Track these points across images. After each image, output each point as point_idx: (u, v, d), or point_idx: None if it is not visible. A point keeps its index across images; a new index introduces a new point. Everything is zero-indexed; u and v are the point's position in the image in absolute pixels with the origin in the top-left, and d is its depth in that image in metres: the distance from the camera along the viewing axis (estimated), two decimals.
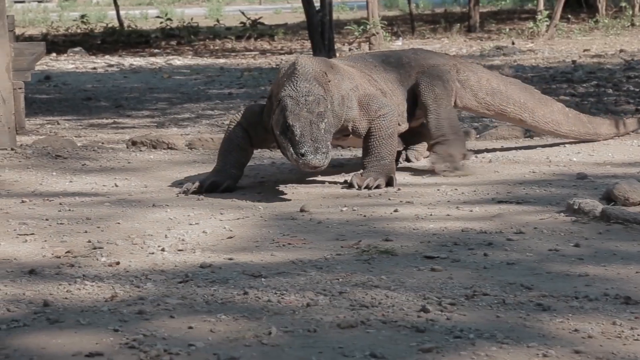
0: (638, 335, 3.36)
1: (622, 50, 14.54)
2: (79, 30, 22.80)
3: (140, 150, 7.23)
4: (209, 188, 5.76)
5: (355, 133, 5.95)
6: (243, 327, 3.45)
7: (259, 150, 6.55)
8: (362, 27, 17.03)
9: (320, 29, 14.91)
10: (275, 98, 5.65)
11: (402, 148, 6.72)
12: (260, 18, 21.30)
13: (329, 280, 3.99)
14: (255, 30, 20.35)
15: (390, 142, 5.92)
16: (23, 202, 5.61)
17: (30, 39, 19.60)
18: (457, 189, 5.75)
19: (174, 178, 6.24)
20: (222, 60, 15.97)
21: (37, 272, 4.17)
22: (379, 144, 5.89)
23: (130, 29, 22.32)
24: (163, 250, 4.51)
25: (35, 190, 5.94)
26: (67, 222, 5.11)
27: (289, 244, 4.61)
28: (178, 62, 15.83)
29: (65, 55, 17.01)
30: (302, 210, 5.27)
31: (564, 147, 7.03)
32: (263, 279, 4.02)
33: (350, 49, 16.63)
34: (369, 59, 6.55)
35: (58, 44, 19.23)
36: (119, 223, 5.07)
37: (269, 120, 5.71)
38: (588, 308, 3.64)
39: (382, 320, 3.50)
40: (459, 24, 19.78)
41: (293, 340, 3.32)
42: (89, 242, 4.67)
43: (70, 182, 6.20)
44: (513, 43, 16.50)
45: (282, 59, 15.40)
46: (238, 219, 5.12)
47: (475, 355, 3.18)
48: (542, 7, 18.90)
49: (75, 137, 8.10)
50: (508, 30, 18.53)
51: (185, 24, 21.97)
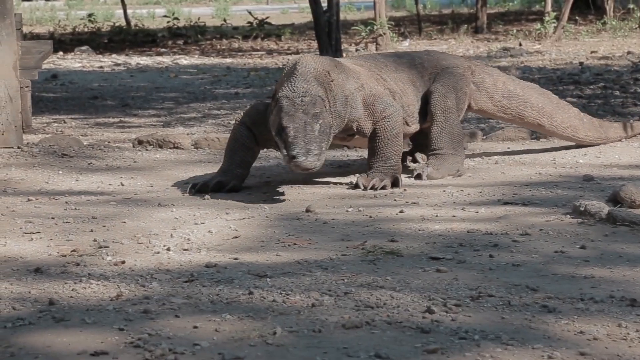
0: None
1: (629, 52, 14.51)
2: (86, 29, 22.83)
3: (147, 150, 7.24)
4: (215, 188, 5.76)
5: (360, 133, 5.95)
6: (248, 327, 3.46)
7: (265, 151, 6.55)
8: (369, 27, 17.03)
9: (327, 29, 14.91)
10: (274, 98, 5.66)
11: (409, 149, 6.71)
12: (267, 18, 21.30)
13: (334, 281, 3.99)
14: (262, 30, 20.36)
15: (396, 142, 5.91)
16: (29, 200, 5.62)
17: (38, 38, 19.63)
18: (462, 190, 5.75)
19: (180, 177, 6.25)
20: (228, 60, 15.98)
21: (42, 270, 4.17)
22: (385, 145, 5.88)
23: (137, 28, 22.36)
24: (168, 250, 4.51)
25: (42, 189, 5.95)
26: (73, 220, 5.11)
27: (295, 244, 4.61)
28: (185, 61, 15.84)
29: (72, 54, 17.03)
30: (307, 211, 5.27)
31: (571, 149, 7.03)
32: (268, 279, 4.02)
33: (357, 50, 16.62)
34: (380, 59, 6.52)
35: (65, 43, 19.27)
36: (125, 222, 5.07)
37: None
38: (594, 310, 3.63)
39: (387, 321, 3.50)
40: (466, 25, 19.76)
41: (298, 341, 3.32)
42: (95, 241, 4.67)
43: (77, 180, 6.21)
44: (520, 44, 16.48)
45: (288, 59, 15.39)
46: (244, 219, 5.12)
47: (480, 357, 3.18)
48: (549, 8, 18.88)
49: (82, 135, 8.11)
50: (515, 32, 18.51)
51: (192, 24, 22.00)
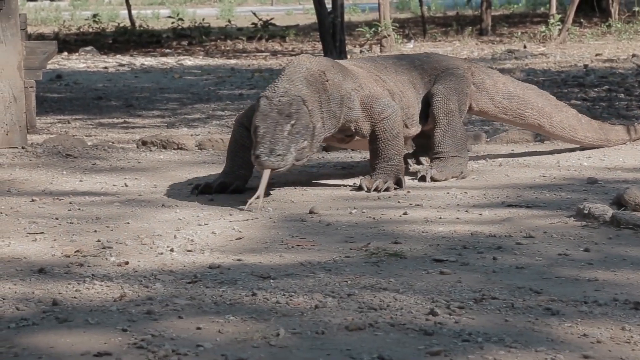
0: None
1: (634, 55, 14.50)
2: (91, 30, 22.86)
3: (151, 150, 7.25)
4: (218, 189, 5.76)
5: (359, 134, 5.94)
6: (251, 328, 3.46)
7: None
8: (373, 29, 17.03)
9: (332, 31, 14.91)
10: None
11: (412, 150, 6.71)
12: (272, 19, 21.31)
13: (338, 283, 3.99)
14: (267, 31, 20.36)
15: (396, 142, 5.90)
16: (33, 201, 5.62)
17: (42, 38, 19.65)
18: (466, 192, 5.75)
19: (184, 178, 6.25)
20: (233, 61, 15.98)
21: (46, 271, 4.18)
22: (385, 146, 5.88)
23: (142, 29, 22.37)
24: (172, 251, 4.51)
25: (46, 189, 5.96)
26: (76, 221, 5.12)
27: (298, 246, 4.61)
28: (189, 62, 15.85)
29: (77, 55, 17.04)
30: (311, 212, 5.27)
31: (575, 151, 7.02)
32: (272, 281, 4.02)
33: (362, 51, 16.62)
34: (380, 61, 6.53)
35: (70, 43, 19.29)
36: (129, 223, 5.08)
37: None
38: (597, 313, 3.63)
39: (390, 323, 3.50)
40: (471, 27, 19.75)
41: (301, 342, 3.32)
42: (99, 241, 4.68)
43: (81, 181, 6.21)
44: (525, 47, 16.47)
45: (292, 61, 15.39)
46: (247, 220, 5.12)
47: (484, 359, 3.18)
48: (554, 10, 18.87)
49: (86, 136, 8.12)
50: (520, 34, 18.50)
51: (197, 25, 22.01)
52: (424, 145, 6.60)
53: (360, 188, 5.83)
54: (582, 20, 20.28)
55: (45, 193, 5.85)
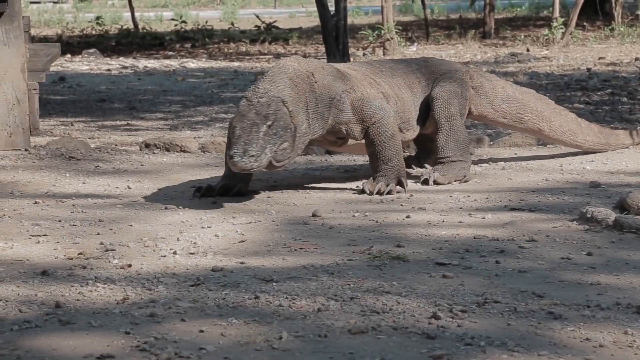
0: None
1: (637, 59, 14.49)
2: (94, 32, 22.88)
3: (154, 153, 7.25)
4: (220, 191, 5.77)
5: (351, 136, 5.93)
6: (254, 331, 3.46)
7: None
8: (376, 32, 17.03)
9: (335, 34, 14.90)
10: None
11: (414, 153, 6.71)
12: (275, 22, 21.33)
13: (340, 286, 3.99)
14: (270, 34, 20.38)
15: (393, 143, 5.89)
16: (36, 203, 5.63)
17: (46, 40, 19.67)
18: (469, 196, 5.75)
19: (187, 181, 6.26)
20: (236, 64, 15.99)
21: (49, 273, 4.18)
22: (382, 148, 5.87)
23: (145, 31, 22.39)
24: (175, 253, 4.52)
25: (49, 192, 5.96)
26: (79, 223, 5.12)
27: (301, 249, 4.61)
28: (192, 64, 15.86)
29: (80, 57, 17.06)
30: (314, 215, 5.28)
31: (578, 155, 7.02)
32: (274, 284, 4.03)
33: (365, 54, 16.62)
34: (376, 65, 6.52)
35: (73, 45, 19.30)
36: (132, 225, 5.08)
37: None
38: (600, 317, 3.63)
39: (392, 327, 3.50)
40: (474, 30, 19.76)
41: (304, 345, 3.32)
42: (102, 244, 4.68)
43: (84, 183, 6.22)
44: (528, 50, 16.47)
45: None
46: (250, 223, 5.13)
47: None
48: (557, 14, 18.87)
49: (89, 138, 8.12)
50: (523, 37, 18.50)
51: (200, 27, 22.02)
52: (426, 148, 6.60)
53: (363, 191, 5.84)
54: (585, 24, 20.27)
55: (48, 195, 5.85)
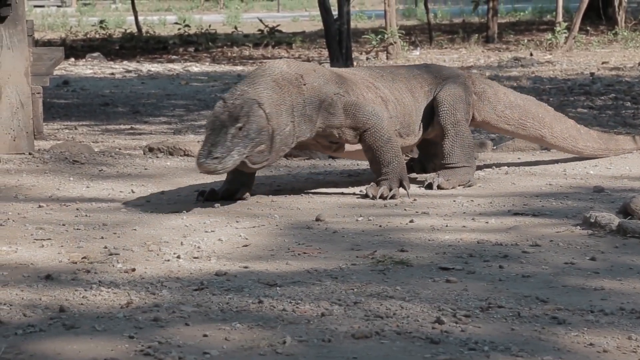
0: None
1: None
2: (98, 36, 22.91)
3: (157, 157, 7.26)
4: (224, 196, 5.77)
5: (344, 140, 5.93)
6: (258, 335, 3.46)
7: None
8: (379, 36, 17.04)
9: (338, 38, 14.92)
10: None
11: (416, 156, 6.70)
12: (278, 26, 21.35)
13: (344, 290, 3.99)
14: (273, 38, 20.40)
15: (390, 146, 5.87)
16: (40, 207, 5.63)
17: (49, 44, 19.69)
18: (473, 201, 5.75)
19: (190, 185, 6.26)
20: (239, 68, 16.01)
21: (53, 277, 4.18)
22: (380, 153, 5.87)
23: (149, 35, 22.42)
24: (179, 258, 4.52)
25: (53, 195, 5.97)
26: (83, 227, 5.13)
27: (305, 253, 4.61)
28: (195, 68, 15.88)
29: (84, 61, 17.09)
30: (317, 220, 5.28)
31: (581, 160, 7.02)
32: (278, 288, 4.03)
33: (368, 58, 16.64)
34: (377, 70, 6.51)
35: (77, 49, 19.33)
36: (135, 229, 5.08)
37: None
38: (603, 322, 3.63)
39: (396, 331, 3.50)
40: (477, 35, 19.76)
41: (307, 350, 3.33)
42: (105, 248, 4.68)
43: (87, 187, 6.22)
44: (531, 54, 16.48)
45: None
46: (254, 227, 5.13)
47: None
48: (560, 18, 18.87)
49: (93, 142, 8.14)
50: (526, 42, 18.50)
51: (203, 31, 22.05)
52: (429, 153, 6.60)
53: (367, 196, 5.84)
54: (588, 28, 20.27)
55: (52, 199, 5.86)
